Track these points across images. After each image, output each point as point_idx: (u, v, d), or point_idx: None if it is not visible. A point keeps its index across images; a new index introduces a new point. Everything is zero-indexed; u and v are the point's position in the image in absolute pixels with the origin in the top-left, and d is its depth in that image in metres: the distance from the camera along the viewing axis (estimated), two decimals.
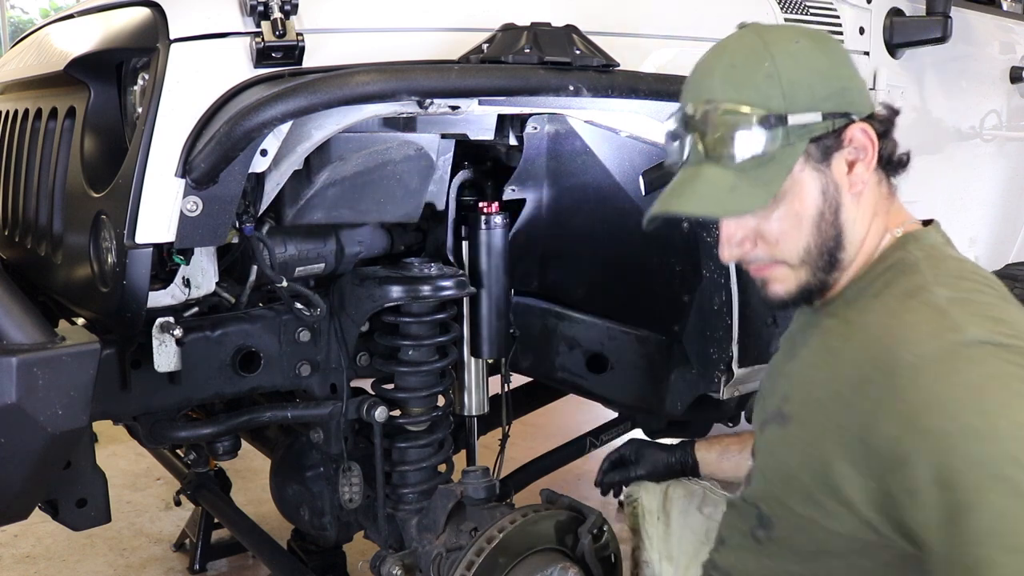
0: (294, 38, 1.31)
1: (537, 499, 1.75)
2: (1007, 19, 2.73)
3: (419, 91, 1.33)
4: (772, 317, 1.77)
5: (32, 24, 5.14)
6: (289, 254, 1.68)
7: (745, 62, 1.09)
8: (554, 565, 1.60)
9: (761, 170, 1.08)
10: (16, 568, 2.79)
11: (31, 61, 1.85)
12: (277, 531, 2.46)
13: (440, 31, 1.48)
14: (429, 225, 1.91)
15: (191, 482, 2.53)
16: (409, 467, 1.85)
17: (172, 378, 1.59)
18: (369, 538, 2.01)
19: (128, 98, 1.48)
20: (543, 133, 1.84)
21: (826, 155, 1.10)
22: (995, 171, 2.67)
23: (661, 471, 1.72)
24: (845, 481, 1.04)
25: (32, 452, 1.26)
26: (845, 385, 1.05)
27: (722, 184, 1.09)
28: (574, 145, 1.85)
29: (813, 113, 1.08)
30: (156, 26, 1.35)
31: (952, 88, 2.44)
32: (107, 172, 1.41)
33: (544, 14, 1.49)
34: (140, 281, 1.35)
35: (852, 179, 1.12)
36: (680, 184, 1.12)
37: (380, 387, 1.87)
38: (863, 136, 1.10)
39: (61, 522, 1.55)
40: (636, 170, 1.71)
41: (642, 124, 1.61)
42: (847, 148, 1.11)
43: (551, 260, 2.07)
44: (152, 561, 2.85)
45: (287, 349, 1.72)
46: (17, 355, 1.22)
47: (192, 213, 1.32)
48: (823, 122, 1.08)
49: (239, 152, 1.28)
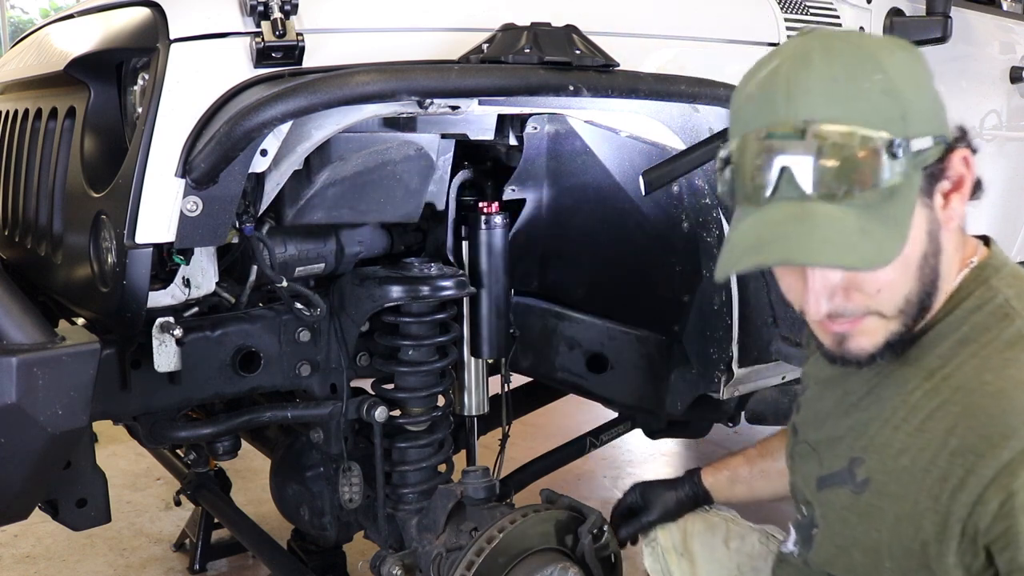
0: (294, 38, 1.31)
1: (537, 499, 1.75)
2: (1007, 19, 2.73)
3: (419, 91, 1.33)
4: (772, 317, 1.77)
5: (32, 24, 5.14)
6: (289, 254, 1.68)
7: (851, 74, 0.91)
8: (554, 565, 1.60)
9: (887, 207, 0.90)
10: (16, 568, 2.79)
11: (31, 61, 1.85)
12: (277, 531, 2.46)
13: (440, 31, 1.48)
14: (429, 225, 1.91)
15: (191, 482, 2.52)
16: (409, 467, 1.85)
17: (172, 378, 1.59)
18: (369, 538, 2.01)
19: (128, 98, 1.48)
20: (543, 133, 1.84)
21: (931, 187, 0.95)
22: (995, 171, 2.67)
23: (673, 509, 1.60)
24: (943, 561, 0.96)
25: (32, 452, 1.26)
26: (942, 455, 0.95)
27: (849, 227, 0.89)
28: (574, 145, 1.85)
29: (927, 138, 0.92)
30: (156, 26, 1.35)
31: (952, 88, 2.44)
32: (107, 172, 1.41)
33: (544, 14, 1.49)
34: (140, 281, 1.35)
35: (948, 213, 0.97)
36: (787, 225, 0.91)
37: (380, 387, 1.87)
38: (961, 165, 0.96)
39: (61, 522, 1.55)
40: (636, 170, 1.71)
41: (642, 124, 1.61)
42: (945, 178, 0.96)
43: (551, 260, 2.07)
44: (152, 561, 2.85)
45: (287, 349, 1.72)
46: (17, 355, 1.22)
47: (192, 213, 1.32)
48: (934, 147, 0.92)
49: (239, 152, 1.28)
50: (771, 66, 0.95)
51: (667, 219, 1.80)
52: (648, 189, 1.59)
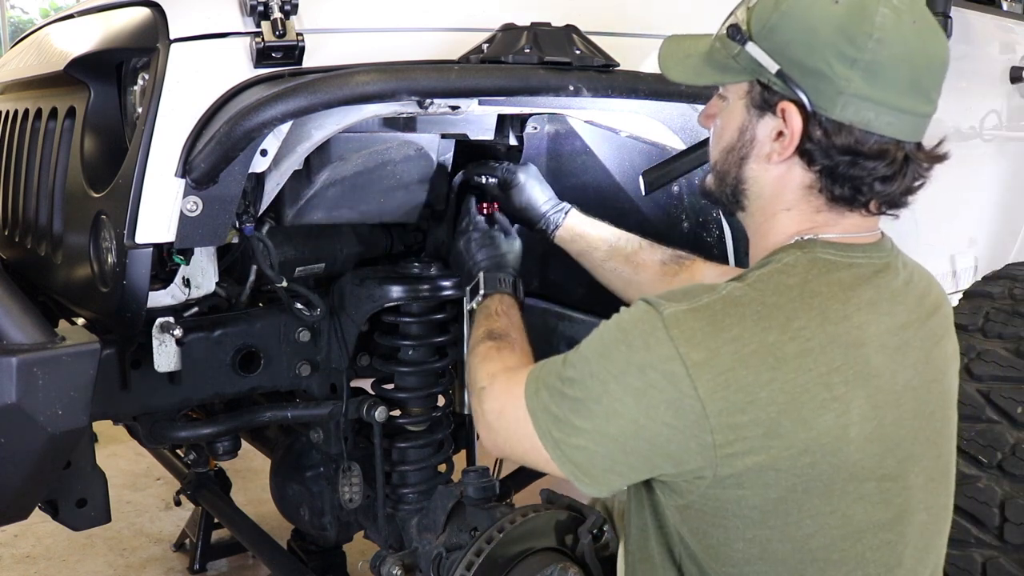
0: (294, 38, 1.31)
1: (537, 499, 1.75)
2: (1007, 19, 2.73)
3: (419, 91, 1.33)
4: None
5: (32, 24, 5.14)
6: (289, 254, 1.68)
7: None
8: (554, 565, 1.60)
9: (711, 62, 1.16)
10: (16, 568, 2.80)
11: (31, 61, 1.85)
12: (277, 531, 2.46)
13: (440, 31, 1.48)
14: (429, 225, 1.91)
15: (191, 482, 2.53)
16: (409, 467, 1.85)
17: (172, 378, 1.59)
18: (369, 538, 2.01)
19: (128, 98, 1.48)
20: (543, 133, 1.84)
21: (761, 107, 1.11)
22: (995, 171, 2.67)
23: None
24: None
25: (32, 452, 1.25)
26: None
27: (696, 55, 1.19)
28: (574, 145, 1.85)
29: (771, 60, 1.07)
30: (156, 26, 1.35)
31: (952, 88, 2.43)
32: (107, 172, 1.41)
33: (544, 14, 1.49)
34: (140, 281, 1.35)
35: (770, 146, 1.12)
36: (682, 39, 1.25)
37: (380, 387, 1.87)
38: (794, 119, 1.07)
39: (61, 522, 1.55)
40: (636, 170, 1.71)
41: (642, 124, 1.61)
42: (780, 120, 1.09)
43: (551, 260, 2.07)
44: (152, 561, 2.85)
45: (287, 349, 1.72)
46: (17, 355, 1.21)
47: (192, 213, 1.32)
48: (774, 76, 1.07)
49: (239, 152, 1.28)
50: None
51: (667, 219, 1.80)
52: (648, 189, 1.59)
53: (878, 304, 1.10)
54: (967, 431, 1.80)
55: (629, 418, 1.04)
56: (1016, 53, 2.69)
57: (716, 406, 1.00)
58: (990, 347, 1.92)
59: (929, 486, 1.16)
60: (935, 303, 1.21)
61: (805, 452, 1.03)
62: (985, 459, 1.77)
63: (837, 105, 1.05)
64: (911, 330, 1.13)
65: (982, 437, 1.79)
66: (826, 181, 1.10)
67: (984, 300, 2.09)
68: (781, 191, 1.14)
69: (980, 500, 1.73)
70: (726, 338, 1.02)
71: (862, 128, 1.06)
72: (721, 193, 1.22)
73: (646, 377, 1.02)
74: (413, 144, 1.59)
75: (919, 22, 1.08)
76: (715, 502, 1.08)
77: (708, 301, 1.05)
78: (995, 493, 1.73)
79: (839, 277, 1.09)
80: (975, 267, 2.61)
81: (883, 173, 1.08)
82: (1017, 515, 1.70)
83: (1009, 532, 1.70)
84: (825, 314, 1.05)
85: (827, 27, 1.04)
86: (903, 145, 1.09)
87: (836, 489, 1.06)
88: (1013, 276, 2.17)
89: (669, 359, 1.01)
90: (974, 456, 1.78)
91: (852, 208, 1.12)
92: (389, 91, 1.30)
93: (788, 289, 1.06)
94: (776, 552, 1.09)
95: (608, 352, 1.07)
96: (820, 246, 1.11)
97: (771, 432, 1.01)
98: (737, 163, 1.17)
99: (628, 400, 1.04)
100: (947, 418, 1.21)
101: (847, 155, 1.07)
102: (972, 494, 1.74)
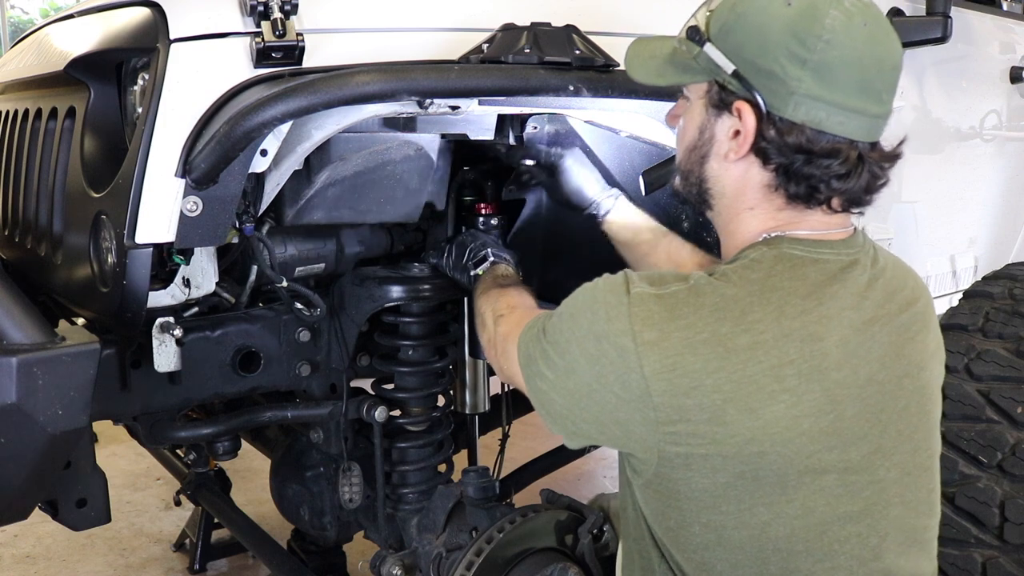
0: (294, 38, 1.31)
1: (537, 499, 1.75)
2: (1007, 19, 2.73)
3: (419, 91, 1.33)
4: None
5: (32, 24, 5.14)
6: (289, 254, 1.68)
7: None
8: (554, 565, 1.61)
9: (674, 63, 1.19)
10: (16, 568, 2.80)
11: (31, 61, 1.85)
12: (277, 531, 2.46)
13: (440, 31, 1.48)
14: (429, 225, 1.91)
15: (191, 482, 2.53)
16: (409, 467, 1.85)
17: (172, 378, 1.59)
18: (369, 538, 2.01)
19: (128, 98, 1.48)
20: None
21: (719, 107, 1.15)
22: (995, 171, 2.67)
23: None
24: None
25: (32, 452, 1.25)
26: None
27: (659, 56, 1.22)
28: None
29: (727, 60, 1.11)
30: (156, 26, 1.35)
31: (952, 88, 2.44)
32: (107, 172, 1.41)
33: (544, 14, 1.49)
34: (140, 281, 1.35)
35: (728, 144, 1.15)
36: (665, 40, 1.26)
37: (380, 387, 1.87)
38: (749, 118, 1.11)
39: (61, 522, 1.55)
40: (636, 170, 1.71)
41: (642, 124, 1.61)
42: (737, 119, 1.13)
43: (551, 260, 2.07)
44: (152, 561, 2.85)
45: (287, 349, 1.72)
46: (17, 355, 1.22)
47: (192, 213, 1.32)
48: (730, 76, 1.11)
49: (239, 152, 1.28)
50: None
51: (667, 219, 1.80)
52: (648, 189, 1.59)
53: (842, 299, 1.12)
54: (967, 431, 1.80)
55: (583, 380, 1.11)
56: (1016, 53, 2.69)
57: (660, 386, 1.04)
58: (990, 347, 1.92)
59: (905, 480, 1.16)
60: (910, 298, 1.21)
61: (752, 441, 1.05)
62: (985, 459, 1.77)
63: (789, 105, 1.08)
64: (878, 325, 1.14)
65: (982, 437, 1.79)
66: (783, 179, 1.13)
67: (984, 300, 2.09)
68: (743, 190, 1.18)
69: (980, 500, 1.73)
70: (680, 324, 1.06)
71: (814, 128, 1.09)
72: (688, 192, 1.25)
73: (600, 346, 1.08)
74: (413, 144, 1.59)
75: (871, 25, 1.09)
76: (668, 482, 1.12)
77: (675, 290, 1.09)
78: (995, 493, 1.73)
79: (803, 272, 1.11)
80: (975, 267, 2.61)
81: (838, 171, 1.11)
82: (1017, 515, 1.70)
83: (1009, 532, 1.70)
84: (782, 309, 1.07)
85: (779, 28, 1.07)
86: (856, 144, 1.11)
87: (791, 480, 1.08)
88: (1013, 276, 2.17)
89: (622, 333, 1.06)
90: (974, 456, 1.78)
91: (810, 206, 1.15)
92: (389, 91, 1.30)
93: (750, 283, 1.09)
94: (732, 539, 1.11)
95: (576, 315, 1.14)
96: (787, 242, 1.14)
97: (716, 419, 1.04)
98: (699, 162, 1.21)
99: (583, 363, 1.10)
100: (925, 412, 1.21)
101: (801, 154, 1.10)
102: (972, 494, 1.74)
